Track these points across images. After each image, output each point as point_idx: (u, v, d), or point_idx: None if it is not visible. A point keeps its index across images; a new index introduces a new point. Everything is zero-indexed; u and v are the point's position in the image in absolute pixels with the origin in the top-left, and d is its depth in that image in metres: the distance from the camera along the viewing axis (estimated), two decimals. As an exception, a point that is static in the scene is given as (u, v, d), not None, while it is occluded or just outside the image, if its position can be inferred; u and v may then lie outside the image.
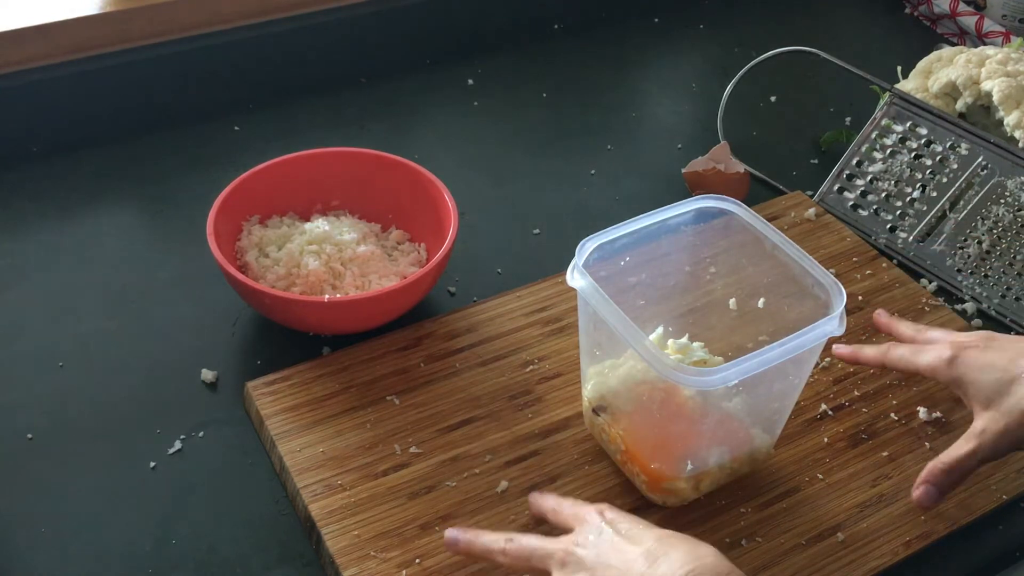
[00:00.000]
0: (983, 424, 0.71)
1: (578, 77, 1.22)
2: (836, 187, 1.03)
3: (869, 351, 0.80)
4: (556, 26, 1.29)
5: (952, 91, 1.05)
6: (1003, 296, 0.94)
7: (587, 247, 0.71)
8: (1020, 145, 0.98)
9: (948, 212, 0.97)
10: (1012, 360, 0.72)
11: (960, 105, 1.05)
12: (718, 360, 0.77)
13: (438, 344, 0.84)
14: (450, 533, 0.67)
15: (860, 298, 0.91)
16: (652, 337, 0.76)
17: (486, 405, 0.80)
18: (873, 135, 1.03)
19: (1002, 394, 0.71)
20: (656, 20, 1.32)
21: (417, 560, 0.70)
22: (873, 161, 1.02)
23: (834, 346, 0.81)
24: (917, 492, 0.73)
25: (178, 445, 0.78)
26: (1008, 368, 0.71)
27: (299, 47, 1.15)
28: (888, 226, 0.99)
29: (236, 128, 1.10)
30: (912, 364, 0.76)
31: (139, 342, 0.86)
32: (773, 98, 1.20)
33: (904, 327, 0.82)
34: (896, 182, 1.01)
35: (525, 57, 1.24)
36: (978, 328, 0.90)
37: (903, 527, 0.74)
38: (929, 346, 0.76)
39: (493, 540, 0.65)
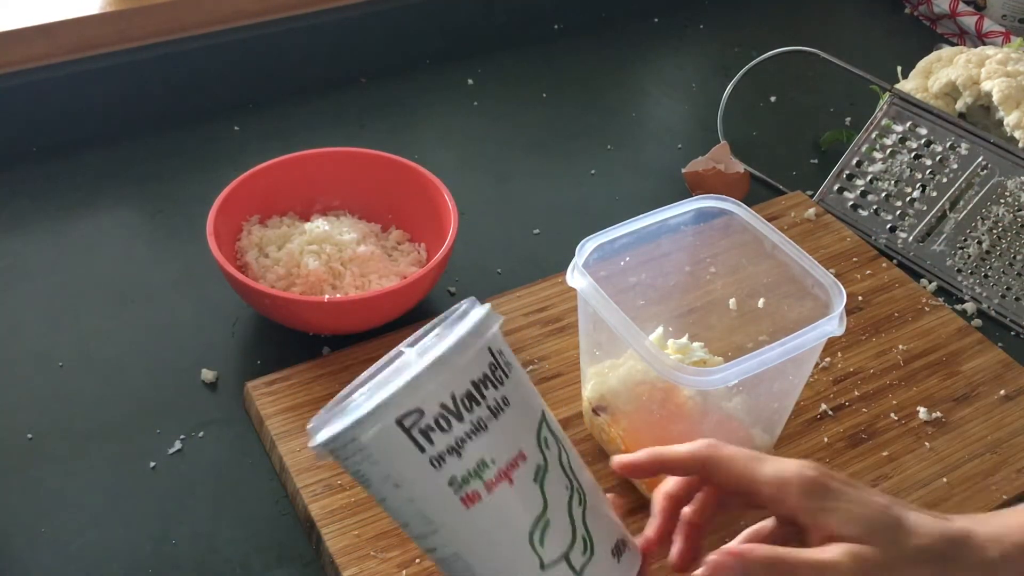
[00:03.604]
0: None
1: (578, 77, 1.22)
2: (836, 187, 1.03)
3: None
4: (556, 26, 1.29)
5: (952, 91, 1.05)
6: (1003, 296, 0.94)
7: (587, 247, 0.71)
8: (1020, 145, 0.98)
9: (948, 212, 0.97)
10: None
11: (960, 105, 1.05)
12: (718, 360, 0.77)
13: (438, 344, 0.84)
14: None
15: (860, 298, 0.91)
16: (652, 337, 0.76)
17: (486, 405, 0.80)
18: (873, 135, 1.03)
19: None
20: (656, 20, 1.32)
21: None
22: (873, 161, 1.02)
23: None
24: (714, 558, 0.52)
25: (178, 445, 0.78)
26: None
27: (299, 47, 1.15)
28: (888, 226, 0.99)
29: (236, 128, 1.10)
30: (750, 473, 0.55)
31: (139, 342, 0.86)
32: (773, 98, 1.20)
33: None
34: (896, 182, 1.01)
35: (525, 57, 1.24)
36: (978, 328, 0.90)
37: (903, 527, 0.74)
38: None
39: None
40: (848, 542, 0.51)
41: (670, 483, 0.58)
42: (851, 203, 1.02)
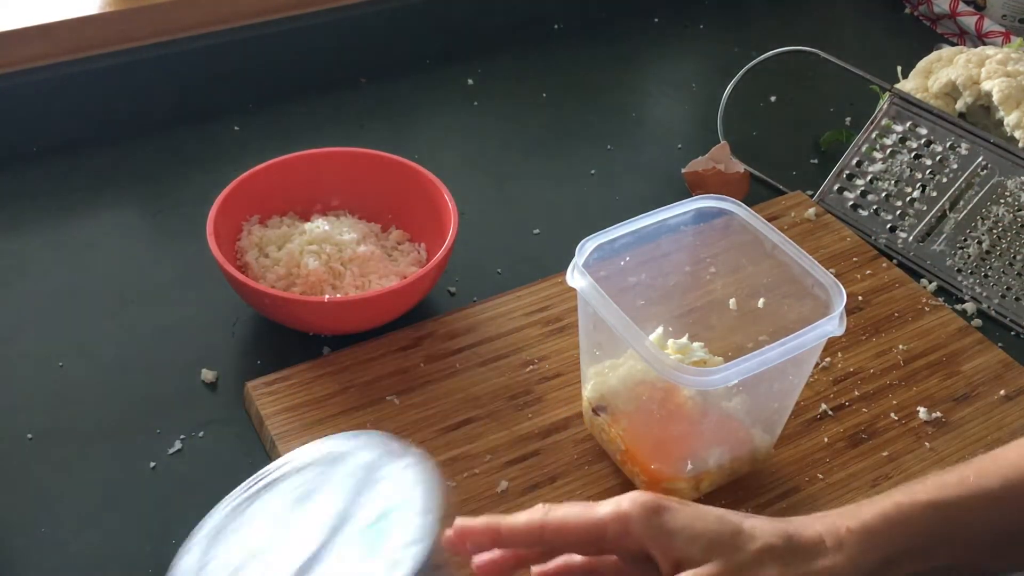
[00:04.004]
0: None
1: (578, 77, 1.22)
2: (836, 187, 1.03)
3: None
4: (556, 26, 1.29)
5: (952, 91, 1.05)
6: (1003, 296, 0.94)
7: (587, 247, 0.71)
8: (1020, 145, 0.98)
9: (948, 212, 0.97)
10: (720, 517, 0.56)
11: (960, 105, 1.05)
12: (718, 360, 0.77)
13: (438, 344, 0.84)
14: None
15: (860, 298, 0.91)
16: (652, 337, 0.76)
17: (486, 405, 0.80)
18: (873, 135, 1.03)
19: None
20: (656, 20, 1.32)
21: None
22: (873, 161, 1.02)
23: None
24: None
25: (178, 445, 0.78)
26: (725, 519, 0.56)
27: (299, 47, 1.15)
28: (888, 226, 0.99)
29: (236, 128, 1.10)
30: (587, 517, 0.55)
31: (139, 342, 0.86)
32: (773, 98, 1.20)
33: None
34: (896, 182, 1.01)
35: (525, 57, 1.24)
36: (978, 328, 0.90)
37: (903, 527, 0.74)
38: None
39: None
40: (694, 562, 0.53)
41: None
42: (851, 203, 1.02)
